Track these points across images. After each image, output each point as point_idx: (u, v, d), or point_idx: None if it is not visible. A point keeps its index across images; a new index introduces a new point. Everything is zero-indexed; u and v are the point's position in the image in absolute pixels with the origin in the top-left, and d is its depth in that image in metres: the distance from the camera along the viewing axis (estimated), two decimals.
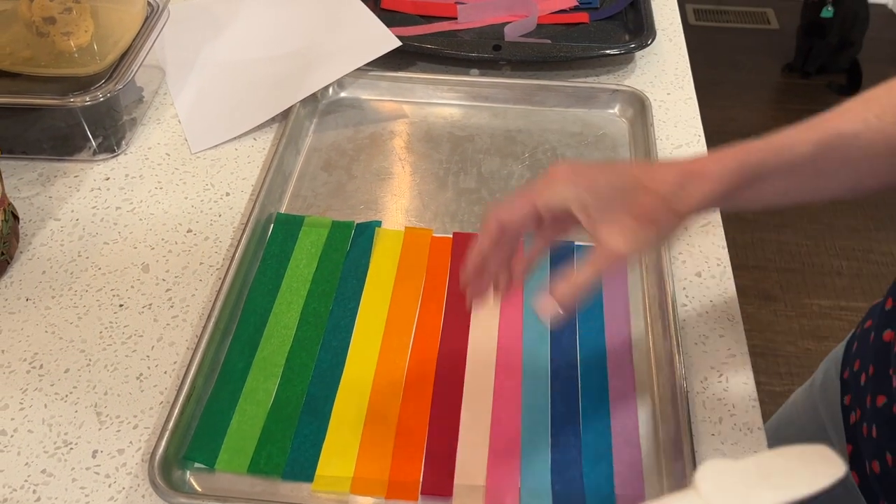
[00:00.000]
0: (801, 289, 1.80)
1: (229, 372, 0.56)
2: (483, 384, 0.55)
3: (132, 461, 0.51)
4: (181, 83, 0.81)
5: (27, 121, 0.71)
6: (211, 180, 0.71)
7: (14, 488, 0.50)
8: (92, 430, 0.53)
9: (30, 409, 0.54)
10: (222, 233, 0.66)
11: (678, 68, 0.85)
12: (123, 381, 0.55)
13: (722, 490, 0.22)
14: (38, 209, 0.68)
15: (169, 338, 0.58)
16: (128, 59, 0.71)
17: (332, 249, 0.64)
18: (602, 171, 0.46)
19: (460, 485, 0.50)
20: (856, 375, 0.61)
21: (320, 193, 0.70)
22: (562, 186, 0.45)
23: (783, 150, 0.48)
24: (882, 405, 0.55)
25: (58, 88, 0.69)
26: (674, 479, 0.50)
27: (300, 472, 0.50)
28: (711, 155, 0.47)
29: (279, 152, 0.70)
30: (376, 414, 0.53)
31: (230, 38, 0.86)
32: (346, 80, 0.80)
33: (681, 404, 0.52)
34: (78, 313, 0.60)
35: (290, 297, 0.61)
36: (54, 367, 0.56)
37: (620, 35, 0.87)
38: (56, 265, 0.63)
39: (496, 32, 0.87)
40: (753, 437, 0.52)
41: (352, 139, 0.76)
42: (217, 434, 0.52)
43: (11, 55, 0.70)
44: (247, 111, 0.77)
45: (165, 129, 0.76)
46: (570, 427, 0.53)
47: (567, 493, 0.49)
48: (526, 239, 0.48)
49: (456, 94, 0.80)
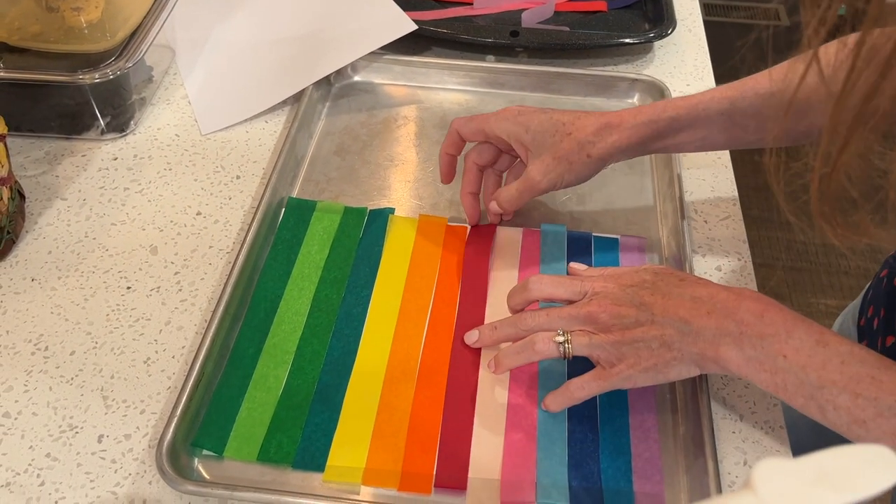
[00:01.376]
0: (809, 288, 1.79)
1: (239, 358, 0.54)
2: (498, 376, 0.54)
3: (139, 447, 0.50)
4: (192, 63, 0.80)
5: (35, 97, 0.69)
6: (221, 162, 0.70)
7: (18, 472, 0.48)
8: (98, 414, 0.51)
9: (34, 391, 0.53)
10: (232, 216, 0.65)
11: (697, 59, 0.83)
12: (130, 365, 0.54)
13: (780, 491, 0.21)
14: (44, 188, 0.67)
15: (177, 322, 0.57)
16: (138, 36, 0.70)
17: (344, 235, 0.63)
18: (540, 115, 0.57)
19: (475, 478, 0.49)
20: (870, 321, 0.63)
21: (333, 178, 0.69)
22: (506, 122, 0.58)
23: (698, 105, 0.56)
24: (891, 344, 0.57)
25: (67, 65, 0.67)
26: (694, 476, 0.48)
27: (311, 462, 0.49)
28: (633, 109, 0.57)
29: (291, 135, 0.68)
30: (389, 404, 0.52)
31: (242, 18, 0.84)
32: (360, 64, 0.79)
33: (702, 400, 0.51)
34: (84, 295, 0.58)
35: (302, 282, 0.59)
36: (60, 350, 0.55)
37: (639, 24, 0.86)
38: (62, 245, 0.62)
39: (513, 19, 0.85)
40: (775, 436, 0.51)
41: (365, 124, 0.75)
42: (226, 421, 0.51)
43: (20, 30, 0.68)
44: (258, 93, 0.75)
45: (175, 109, 0.75)
46: (587, 421, 0.51)
47: (584, 489, 0.48)
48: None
49: (471, 80, 0.79)
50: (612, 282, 0.50)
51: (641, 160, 0.71)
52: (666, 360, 0.46)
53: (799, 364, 0.43)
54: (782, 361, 0.43)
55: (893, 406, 0.40)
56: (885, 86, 0.35)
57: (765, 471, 0.22)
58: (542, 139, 0.56)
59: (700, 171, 0.70)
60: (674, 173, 0.66)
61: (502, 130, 0.58)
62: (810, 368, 0.42)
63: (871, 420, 0.41)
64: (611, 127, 0.56)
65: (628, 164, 0.70)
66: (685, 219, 0.63)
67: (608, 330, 0.48)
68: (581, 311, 0.49)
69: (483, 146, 0.61)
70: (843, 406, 0.42)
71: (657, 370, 0.47)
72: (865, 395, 0.41)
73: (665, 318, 0.46)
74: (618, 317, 0.47)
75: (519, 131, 0.57)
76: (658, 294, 0.48)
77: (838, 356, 0.42)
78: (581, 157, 0.56)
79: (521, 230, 0.64)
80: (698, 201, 0.67)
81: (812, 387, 0.42)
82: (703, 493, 0.47)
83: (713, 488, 0.47)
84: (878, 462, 0.22)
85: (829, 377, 0.42)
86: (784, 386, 0.43)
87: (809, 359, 0.43)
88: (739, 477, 0.49)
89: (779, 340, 0.43)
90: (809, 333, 0.43)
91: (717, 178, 0.69)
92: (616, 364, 0.47)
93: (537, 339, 0.49)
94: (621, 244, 0.63)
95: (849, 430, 0.42)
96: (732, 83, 0.57)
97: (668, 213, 0.65)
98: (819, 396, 0.42)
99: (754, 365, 0.44)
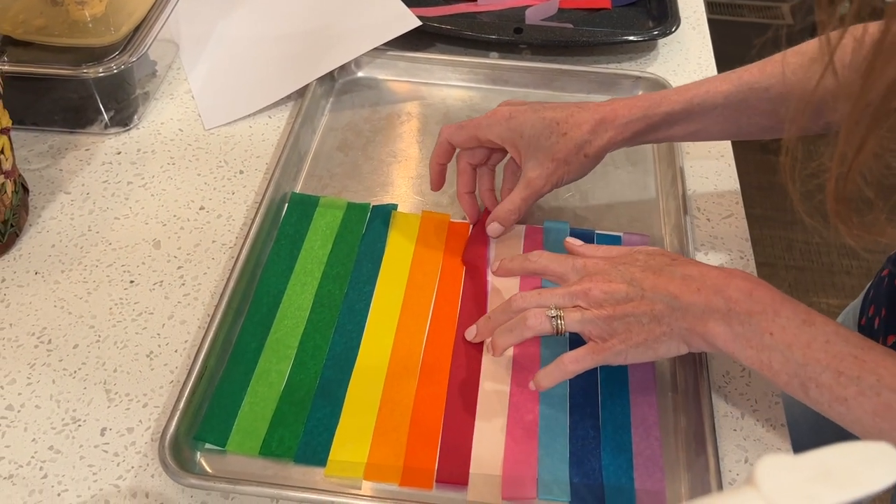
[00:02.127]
0: (810, 287, 1.78)
1: (241, 352, 0.54)
2: (500, 372, 0.54)
3: (141, 440, 0.50)
4: (195, 58, 0.80)
5: (39, 91, 0.69)
6: (224, 157, 0.70)
7: (20, 464, 0.49)
8: (101, 407, 0.52)
9: (37, 384, 0.53)
10: (235, 211, 0.65)
11: (701, 57, 0.83)
12: (133, 359, 0.54)
13: (783, 488, 0.21)
14: (48, 182, 0.67)
15: (180, 316, 0.57)
16: (142, 31, 0.70)
17: (347, 231, 0.63)
18: (531, 116, 0.56)
19: (476, 474, 0.49)
20: (871, 320, 0.63)
21: (336, 174, 0.69)
22: (498, 128, 0.57)
23: (693, 100, 0.56)
24: (892, 343, 0.57)
25: (70, 59, 0.67)
26: (695, 474, 0.48)
27: (312, 457, 0.49)
28: (626, 100, 0.57)
29: (294, 131, 0.69)
30: (391, 400, 0.52)
31: (246, 13, 0.84)
32: (364, 60, 0.79)
33: (704, 397, 0.51)
34: (87, 288, 0.58)
35: (305, 278, 0.59)
36: (63, 343, 0.55)
37: (643, 22, 0.86)
38: (66, 239, 0.62)
39: (517, 15, 0.85)
40: (776, 433, 0.51)
41: (368, 119, 0.75)
42: (228, 415, 0.51)
43: (24, 23, 0.68)
44: (262, 88, 0.75)
45: (178, 104, 0.75)
46: (588, 418, 0.52)
47: (585, 485, 0.48)
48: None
49: (475, 76, 0.79)
50: (605, 261, 0.50)
51: (644, 157, 0.71)
52: (656, 335, 0.47)
53: (785, 342, 0.43)
54: (769, 339, 0.44)
55: (875, 385, 0.41)
56: None
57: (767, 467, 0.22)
58: (538, 142, 0.56)
59: (703, 168, 0.70)
60: (677, 170, 0.66)
61: (496, 136, 0.58)
62: (795, 346, 0.43)
63: (853, 398, 0.41)
64: (605, 123, 0.56)
65: (631, 161, 0.70)
66: (688, 216, 0.63)
67: (600, 306, 0.48)
68: (573, 289, 0.49)
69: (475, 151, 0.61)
70: (825, 384, 0.42)
71: (647, 345, 0.47)
72: (847, 374, 0.41)
73: (655, 294, 0.47)
74: (609, 293, 0.48)
75: (513, 136, 0.57)
76: (649, 271, 0.48)
77: (823, 335, 0.43)
78: (579, 158, 0.56)
79: (523, 227, 0.64)
80: (701, 199, 0.67)
81: (796, 364, 0.43)
82: (705, 491, 0.47)
83: (714, 485, 0.47)
84: (880, 459, 0.22)
85: (813, 355, 0.42)
86: (769, 363, 0.44)
87: (795, 337, 0.43)
88: (740, 474, 0.50)
89: (766, 318, 0.44)
90: (796, 313, 0.44)
91: (720, 176, 0.69)
92: (608, 339, 0.48)
93: (529, 315, 0.49)
94: (624, 241, 0.63)
95: (830, 408, 0.42)
96: (728, 74, 0.57)
97: (671, 210, 0.65)
98: (802, 374, 0.43)
99: (741, 341, 0.44)
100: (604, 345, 0.48)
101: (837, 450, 0.23)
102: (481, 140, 0.59)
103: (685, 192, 0.65)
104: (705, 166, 0.70)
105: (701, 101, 0.56)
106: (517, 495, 0.48)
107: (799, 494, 0.21)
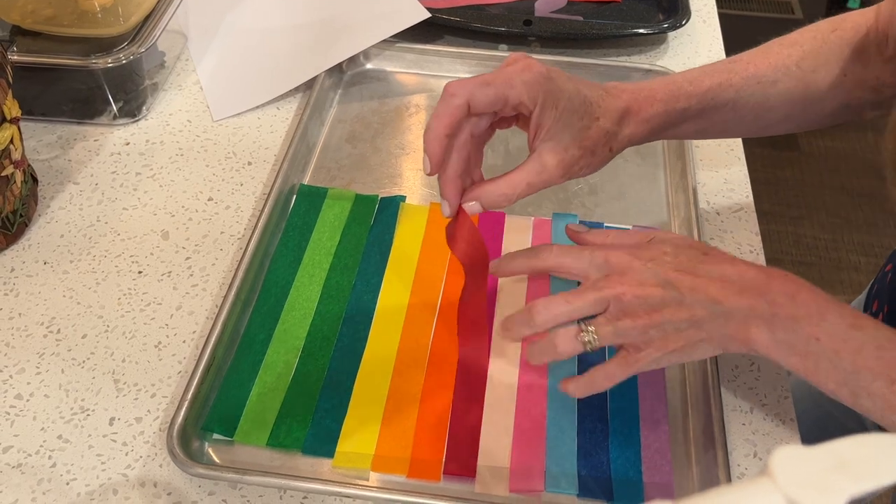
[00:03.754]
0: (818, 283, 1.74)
1: (249, 343, 0.54)
2: (508, 364, 0.54)
3: (150, 430, 0.50)
4: (204, 49, 0.80)
5: (47, 82, 0.69)
6: (233, 149, 0.70)
7: (29, 453, 0.49)
8: (109, 397, 0.52)
9: (46, 373, 0.53)
10: (244, 202, 0.65)
11: (711, 51, 0.83)
12: (142, 349, 0.54)
13: (798, 479, 0.21)
14: (57, 172, 0.67)
15: (188, 307, 0.57)
16: (151, 21, 0.70)
17: (355, 223, 0.63)
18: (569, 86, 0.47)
19: (484, 466, 0.49)
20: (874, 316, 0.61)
21: (344, 166, 0.69)
22: (536, 87, 0.46)
23: (707, 94, 0.52)
24: None
25: (79, 49, 0.67)
26: (704, 468, 0.48)
27: (320, 448, 0.49)
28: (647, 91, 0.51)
29: (303, 122, 0.68)
30: (399, 391, 0.52)
31: (255, 4, 0.84)
32: (372, 52, 0.78)
33: (713, 392, 0.51)
34: (96, 279, 0.59)
35: (313, 269, 0.59)
36: (72, 333, 0.55)
37: (653, 14, 0.85)
38: (74, 229, 0.62)
39: (526, 8, 0.85)
40: (786, 428, 0.51)
41: (376, 111, 0.74)
42: (236, 405, 0.51)
43: (33, 13, 0.68)
44: (270, 79, 0.75)
45: (187, 95, 0.75)
46: (597, 411, 0.51)
47: (593, 478, 0.48)
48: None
49: (484, 69, 0.78)
50: (628, 254, 0.46)
51: (654, 151, 0.70)
52: (693, 341, 0.43)
53: (832, 348, 0.41)
54: (815, 345, 0.41)
55: None
56: None
57: (783, 457, 0.21)
58: (569, 121, 0.47)
59: (713, 162, 0.70)
60: (686, 164, 0.66)
61: (531, 99, 0.46)
62: (844, 353, 0.41)
63: None
64: (630, 115, 0.50)
65: (641, 155, 0.70)
66: (697, 210, 0.63)
67: (633, 313, 0.43)
68: (603, 294, 0.44)
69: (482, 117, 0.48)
70: (877, 393, 0.40)
71: (683, 351, 0.44)
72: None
73: (694, 299, 0.43)
74: (642, 297, 0.43)
75: (547, 104, 0.46)
76: (683, 271, 0.44)
77: (874, 341, 0.41)
78: (604, 151, 0.50)
79: (531, 219, 0.64)
80: (711, 193, 0.67)
81: (845, 372, 0.41)
82: (713, 484, 0.47)
83: (723, 479, 0.47)
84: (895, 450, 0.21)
85: (864, 363, 0.40)
86: (815, 370, 0.42)
87: (844, 343, 0.41)
88: (749, 469, 0.49)
89: (811, 323, 0.41)
90: (843, 316, 0.42)
91: (729, 170, 0.69)
92: (643, 349, 0.44)
93: (559, 341, 0.45)
94: None
95: (882, 416, 0.41)
96: (734, 68, 0.54)
97: (681, 204, 0.64)
98: (853, 382, 0.41)
99: (784, 348, 0.42)
100: (637, 355, 0.44)
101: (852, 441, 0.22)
102: (512, 103, 0.46)
103: (695, 186, 0.64)
104: (715, 160, 0.70)
105: (714, 95, 0.53)
106: (525, 487, 0.48)
107: (816, 485, 0.21)
